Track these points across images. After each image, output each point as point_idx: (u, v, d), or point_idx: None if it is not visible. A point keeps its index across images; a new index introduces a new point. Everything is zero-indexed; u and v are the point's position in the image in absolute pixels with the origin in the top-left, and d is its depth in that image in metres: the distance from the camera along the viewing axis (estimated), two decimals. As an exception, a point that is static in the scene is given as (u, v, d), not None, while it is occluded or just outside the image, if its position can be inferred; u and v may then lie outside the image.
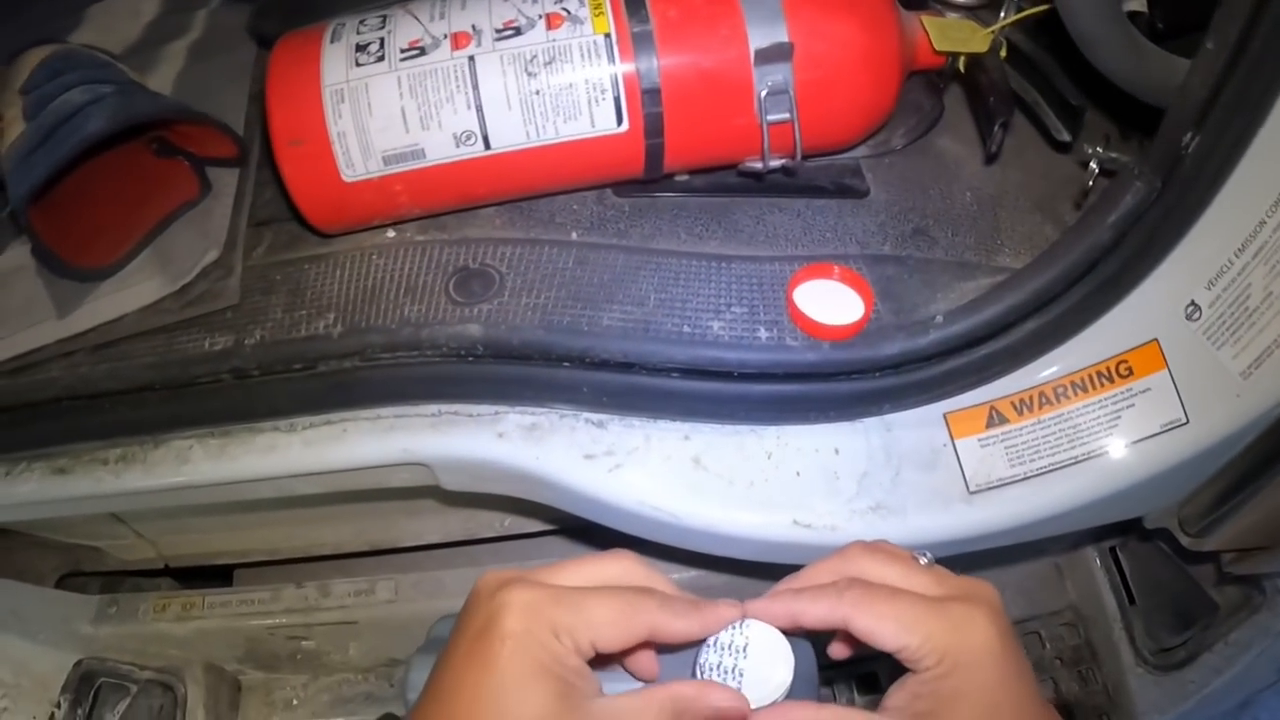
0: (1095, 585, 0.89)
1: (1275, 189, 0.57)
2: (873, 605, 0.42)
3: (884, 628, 0.41)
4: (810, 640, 0.46)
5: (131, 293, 0.68)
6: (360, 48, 0.62)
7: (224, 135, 0.72)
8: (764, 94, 0.62)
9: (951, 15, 0.69)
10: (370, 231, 0.69)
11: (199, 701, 0.77)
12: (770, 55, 0.61)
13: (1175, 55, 0.62)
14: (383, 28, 0.63)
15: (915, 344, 0.62)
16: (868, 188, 0.72)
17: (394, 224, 0.69)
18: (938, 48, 0.66)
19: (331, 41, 0.63)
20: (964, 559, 0.63)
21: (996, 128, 0.65)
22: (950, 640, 0.41)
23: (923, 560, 0.48)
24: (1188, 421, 0.62)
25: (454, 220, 0.69)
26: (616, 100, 0.61)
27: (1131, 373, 0.64)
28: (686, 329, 0.63)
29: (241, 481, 0.68)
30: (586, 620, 0.40)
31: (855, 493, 0.63)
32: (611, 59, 0.60)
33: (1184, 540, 0.72)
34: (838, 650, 0.49)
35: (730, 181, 0.70)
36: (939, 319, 0.62)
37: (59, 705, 0.73)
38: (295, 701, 0.82)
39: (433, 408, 0.66)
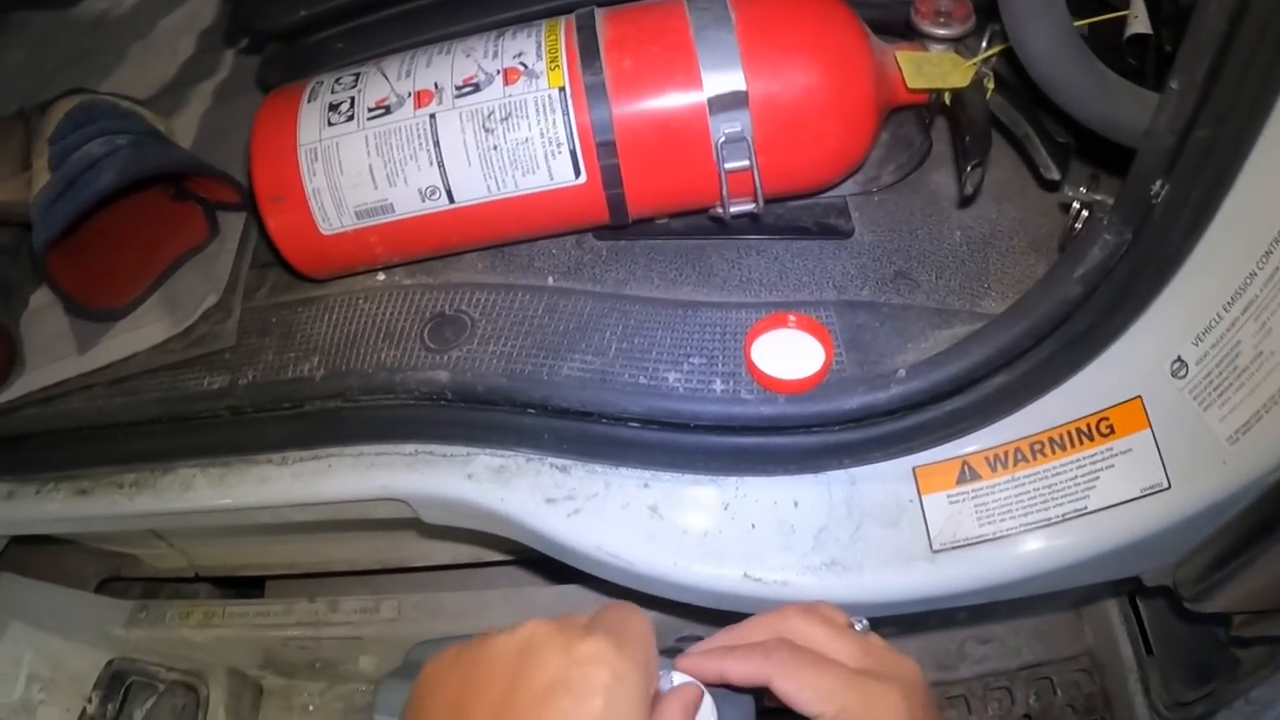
0: (1113, 633, 0.85)
1: (1265, 239, 0.52)
2: (796, 671, 0.44)
3: (803, 694, 0.43)
4: (753, 693, 0.47)
5: (142, 333, 0.73)
6: (333, 107, 0.64)
7: (229, 184, 0.75)
8: (721, 142, 0.61)
9: (934, 47, 0.66)
10: (363, 275, 0.72)
11: (220, 703, 0.82)
12: (725, 103, 0.60)
13: (1152, 93, 0.58)
14: (354, 86, 0.65)
15: (875, 399, 0.61)
16: (852, 227, 0.70)
17: (384, 268, 0.72)
18: (911, 85, 0.64)
19: (308, 101, 0.65)
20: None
21: (969, 169, 0.62)
22: (861, 715, 0.43)
23: (858, 626, 0.49)
24: (1169, 486, 0.59)
25: (440, 264, 0.72)
26: (573, 153, 0.61)
27: (1113, 431, 0.61)
28: (643, 380, 0.63)
29: (239, 509, 0.72)
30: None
31: (810, 548, 0.62)
32: (566, 113, 0.61)
33: (1185, 601, 0.68)
34: (771, 698, 0.50)
35: (709, 224, 0.69)
36: (901, 373, 0.61)
37: (90, 700, 0.80)
38: (311, 708, 0.87)
39: (410, 447, 0.69)
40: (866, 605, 0.62)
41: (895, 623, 0.83)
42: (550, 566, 0.83)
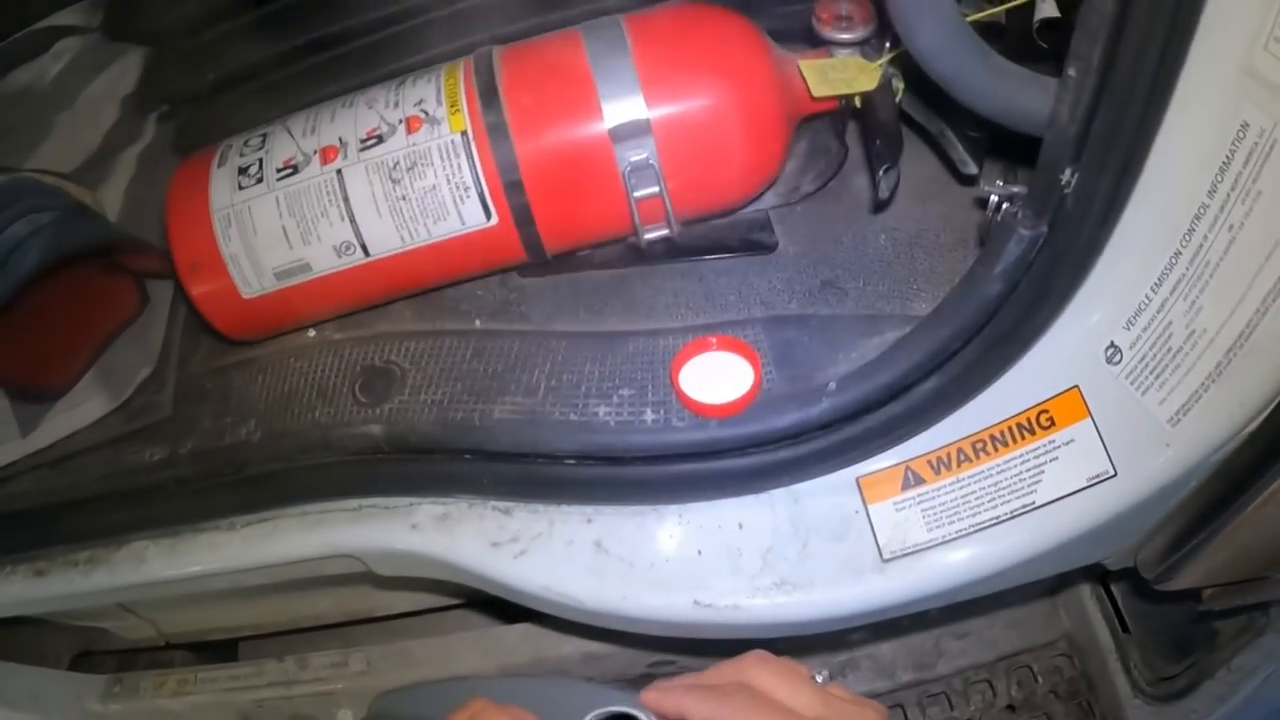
0: (1087, 616, 0.85)
1: (1185, 217, 0.52)
2: (751, 716, 0.44)
3: None
4: None
5: (80, 410, 0.73)
6: (242, 170, 0.64)
7: (155, 254, 0.75)
8: (627, 171, 0.61)
9: (840, 53, 0.66)
10: (294, 333, 0.72)
11: (207, 769, 0.83)
12: (628, 131, 0.60)
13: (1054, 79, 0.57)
14: (262, 148, 0.64)
15: (808, 415, 0.60)
16: (776, 241, 0.70)
17: (314, 324, 0.72)
18: (815, 93, 0.63)
19: (219, 165, 0.65)
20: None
21: (882, 172, 0.61)
22: None
23: (819, 678, 0.49)
24: (1116, 474, 0.58)
25: (369, 315, 0.71)
26: (481, 196, 0.61)
27: (1053, 423, 0.60)
28: (574, 416, 0.63)
29: (192, 577, 0.72)
30: None
31: (759, 569, 0.62)
32: (470, 156, 0.60)
33: (1150, 583, 0.68)
34: None
35: (630, 252, 0.69)
36: (831, 386, 0.60)
37: (72, 779, 0.79)
38: (298, 762, 0.87)
39: (354, 502, 0.69)
40: (820, 621, 0.62)
41: (865, 627, 0.83)
42: (513, 605, 0.83)
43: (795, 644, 0.78)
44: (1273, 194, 0.47)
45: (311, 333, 0.72)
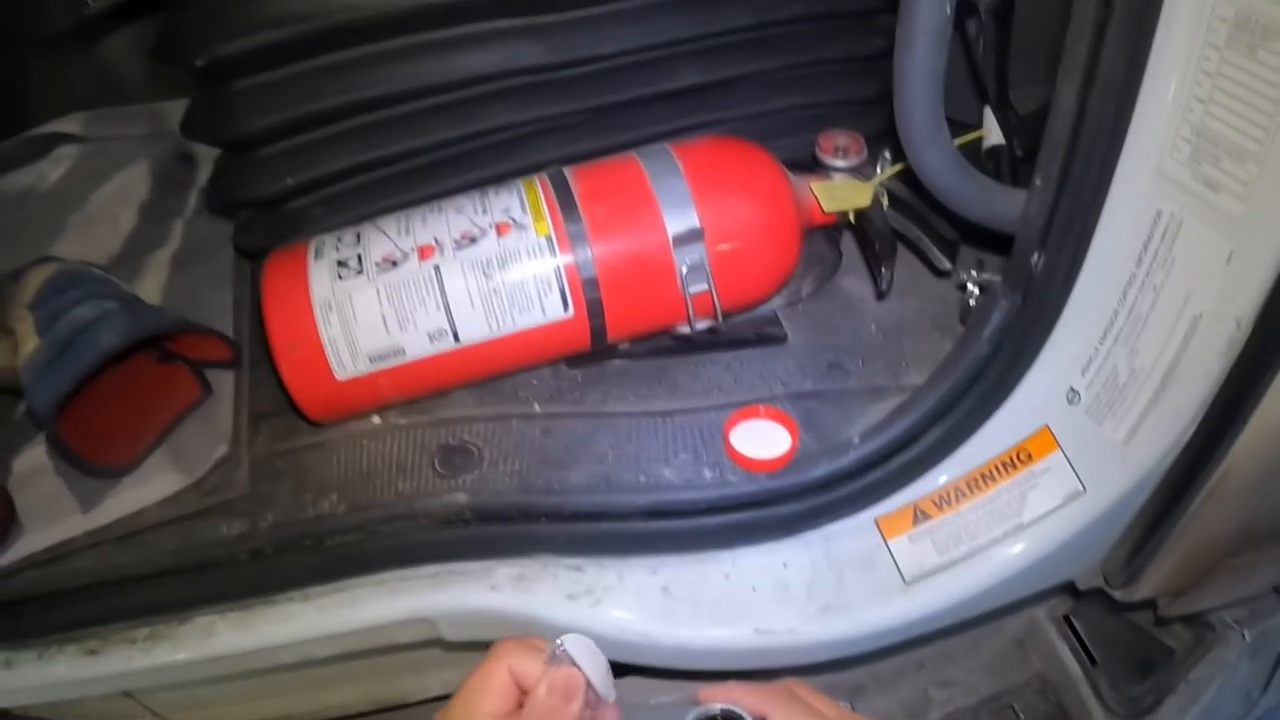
0: (1056, 652, 0.97)
1: (1120, 283, 0.66)
2: (790, 711, 0.55)
3: None
4: None
5: (151, 487, 0.77)
6: (341, 263, 0.72)
7: (221, 342, 0.81)
8: (684, 271, 0.73)
9: (837, 176, 0.81)
10: (358, 419, 0.79)
11: None
12: (686, 239, 0.73)
13: (1018, 189, 0.74)
14: (358, 244, 0.73)
15: (839, 465, 0.72)
16: (785, 334, 0.83)
17: (378, 411, 0.79)
18: (826, 209, 0.78)
19: (315, 259, 0.73)
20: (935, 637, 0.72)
21: (883, 270, 0.77)
22: None
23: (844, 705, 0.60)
24: (1085, 491, 0.71)
25: (431, 404, 0.80)
26: (562, 291, 0.72)
27: (1030, 458, 0.73)
28: (642, 479, 0.73)
29: (263, 650, 0.76)
30: None
31: (805, 598, 0.72)
32: (554, 257, 0.71)
33: (1115, 594, 0.80)
34: None
35: (666, 345, 0.81)
36: (856, 440, 0.73)
37: None
38: None
39: (431, 568, 0.75)
40: (863, 638, 0.72)
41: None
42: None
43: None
44: (1182, 261, 0.61)
45: (376, 419, 0.79)
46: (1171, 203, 0.61)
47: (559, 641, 0.53)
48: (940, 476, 0.75)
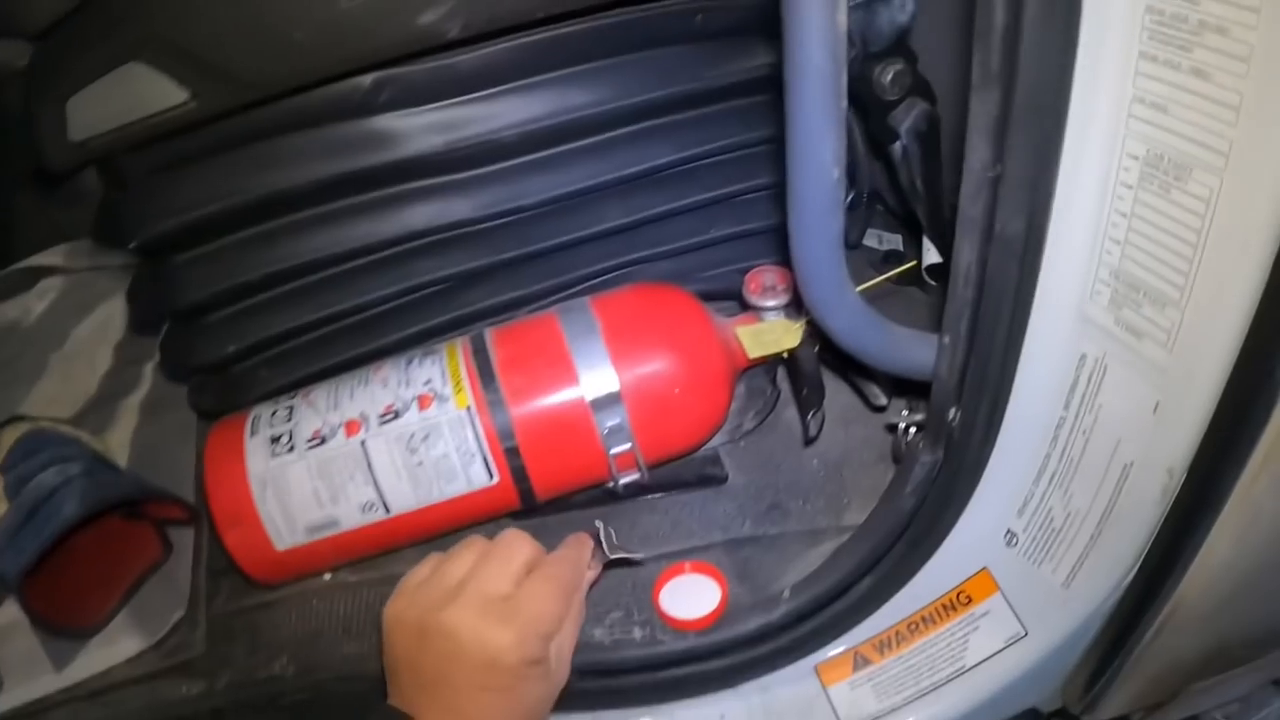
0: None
1: (1049, 429, 0.65)
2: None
3: None
4: None
5: (117, 648, 0.80)
6: (274, 439, 0.74)
7: (179, 505, 0.84)
8: (605, 432, 0.74)
9: (768, 315, 0.81)
10: (311, 576, 0.82)
11: None
12: (604, 402, 0.73)
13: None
14: (289, 420, 0.75)
15: (769, 619, 0.72)
16: (726, 474, 0.83)
17: (330, 569, 0.82)
18: (751, 355, 0.78)
19: (251, 435, 0.75)
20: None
21: (810, 416, 0.76)
22: None
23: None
24: (1026, 634, 0.70)
25: (381, 559, 0.82)
26: (485, 460, 0.73)
27: (970, 600, 0.72)
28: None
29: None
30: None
31: (743, 752, 0.73)
32: (474, 428, 0.72)
33: (1080, 718, 0.79)
34: None
35: (605, 494, 0.81)
36: (786, 594, 0.73)
37: None
38: None
39: None
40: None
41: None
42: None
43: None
44: (1109, 405, 0.59)
45: (327, 576, 0.82)
46: (1095, 346, 0.59)
47: None
48: (881, 621, 0.74)
